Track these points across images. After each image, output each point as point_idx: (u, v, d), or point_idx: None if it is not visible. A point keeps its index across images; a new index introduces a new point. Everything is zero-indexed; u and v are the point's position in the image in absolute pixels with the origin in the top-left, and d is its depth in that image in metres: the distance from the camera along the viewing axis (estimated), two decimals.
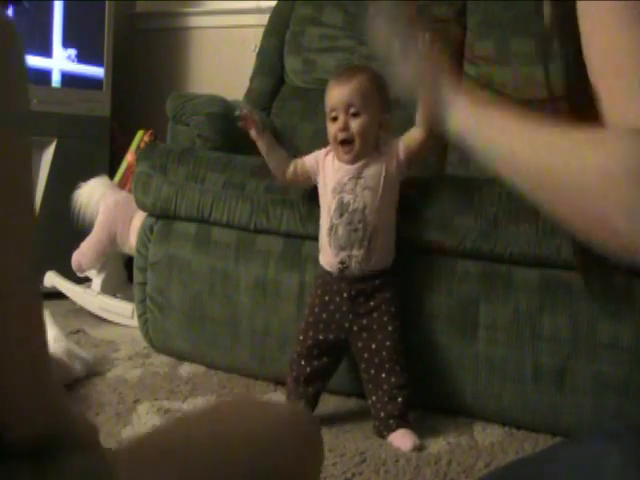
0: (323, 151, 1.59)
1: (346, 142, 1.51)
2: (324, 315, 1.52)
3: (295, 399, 1.50)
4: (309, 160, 1.59)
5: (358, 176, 1.51)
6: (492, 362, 1.53)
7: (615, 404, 1.43)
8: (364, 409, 1.57)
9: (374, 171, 1.52)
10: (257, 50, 2.53)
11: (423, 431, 1.47)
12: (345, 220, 1.50)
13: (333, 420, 1.53)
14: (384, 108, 1.55)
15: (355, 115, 1.50)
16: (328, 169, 1.56)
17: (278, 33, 2.48)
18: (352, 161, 1.53)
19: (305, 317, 1.55)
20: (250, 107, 1.59)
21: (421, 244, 1.58)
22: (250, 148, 1.99)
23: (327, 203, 1.54)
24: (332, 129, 1.53)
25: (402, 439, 1.42)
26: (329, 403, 1.60)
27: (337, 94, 1.52)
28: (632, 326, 1.41)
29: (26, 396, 0.55)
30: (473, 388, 1.56)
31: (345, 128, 1.50)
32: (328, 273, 1.53)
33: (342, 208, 1.50)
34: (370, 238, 1.49)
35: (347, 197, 1.50)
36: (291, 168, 1.59)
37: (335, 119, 1.52)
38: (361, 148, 1.51)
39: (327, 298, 1.52)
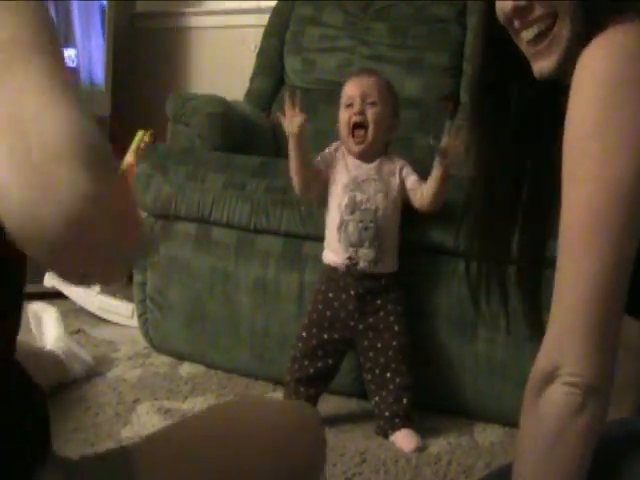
0: (332, 146, 1.60)
1: (359, 127, 1.52)
2: (328, 313, 1.51)
3: (295, 399, 1.50)
4: (322, 159, 1.58)
5: (373, 178, 1.52)
6: (492, 362, 1.53)
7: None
8: (364, 409, 1.57)
9: (388, 174, 1.53)
10: (257, 50, 2.53)
11: (423, 431, 1.47)
12: (357, 217, 1.50)
13: (333, 420, 1.53)
14: (395, 112, 1.59)
15: (371, 104, 1.53)
16: (339, 165, 1.56)
17: (278, 33, 2.48)
18: (363, 154, 1.53)
19: (308, 314, 1.54)
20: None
21: (421, 244, 1.58)
22: (250, 148, 1.99)
23: (337, 199, 1.53)
24: (346, 115, 1.54)
25: (405, 439, 1.42)
26: (330, 403, 1.60)
27: (356, 85, 1.56)
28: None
29: None
30: (473, 388, 1.56)
31: (361, 112, 1.52)
32: (333, 269, 1.52)
33: (354, 205, 1.50)
34: (381, 239, 1.49)
35: (360, 196, 1.51)
36: (312, 173, 1.56)
37: (350, 106, 1.54)
38: (373, 140, 1.53)
39: (332, 295, 1.52)
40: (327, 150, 1.60)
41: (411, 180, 1.54)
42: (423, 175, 1.54)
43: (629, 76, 0.65)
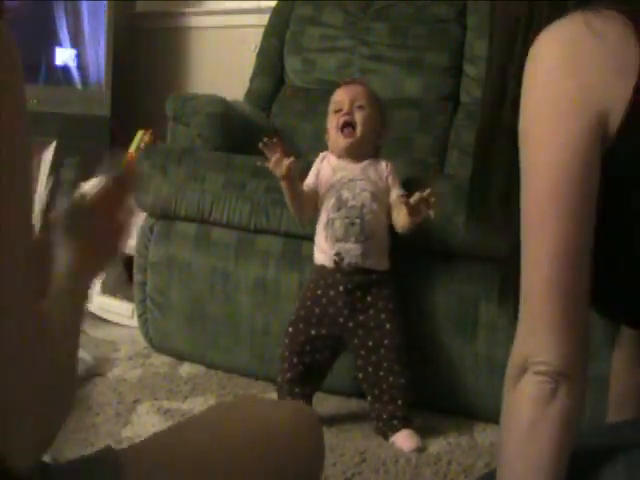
0: (319, 158, 1.62)
1: (347, 125, 1.55)
2: (317, 309, 1.51)
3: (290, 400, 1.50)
4: (310, 179, 1.59)
5: (360, 178, 1.53)
6: (492, 362, 1.53)
7: None
8: (364, 409, 1.57)
9: (374, 176, 1.55)
10: (257, 50, 2.53)
11: (423, 431, 1.46)
12: (343, 214, 1.51)
13: (333, 420, 1.53)
14: (383, 121, 1.63)
15: (359, 108, 1.57)
16: (326, 170, 1.58)
17: (278, 33, 2.48)
18: (351, 151, 1.55)
19: (296, 310, 1.54)
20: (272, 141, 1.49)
21: (421, 244, 1.58)
22: (250, 148, 1.99)
23: (324, 201, 1.55)
24: (334, 119, 1.58)
25: (405, 440, 1.42)
26: (329, 403, 1.60)
27: (344, 92, 1.61)
28: None
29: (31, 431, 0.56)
30: (473, 388, 1.56)
31: (349, 113, 1.56)
32: (323, 267, 1.53)
33: (340, 203, 1.52)
34: (367, 235, 1.50)
35: (346, 194, 1.52)
36: (307, 200, 1.56)
37: (339, 111, 1.58)
38: (361, 137, 1.55)
39: (320, 292, 1.52)
40: (314, 165, 1.60)
41: (394, 194, 1.54)
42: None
43: (567, 59, 0.66)
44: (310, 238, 1.64)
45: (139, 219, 1.98)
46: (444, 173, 2.08)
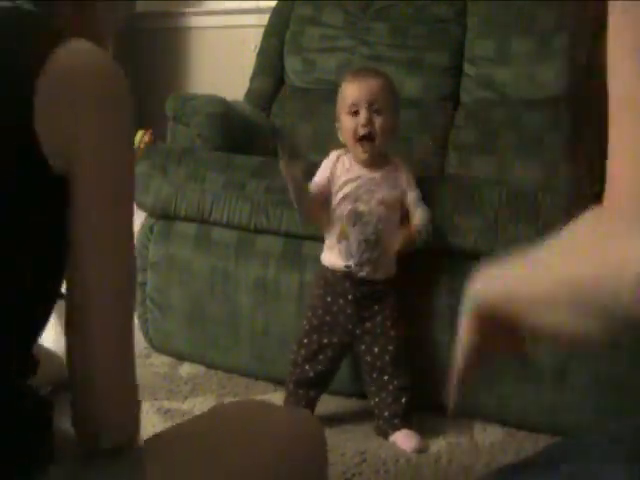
0: (332, 157, 1.55)
1: (367, 138, 1.48)
2: (328, 317, 1.51)
3: (294, 402, 1.50)
4: (321, 179, 1.52)
5: (374, 189, 1.49)
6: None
7: (614, 404, 1.43)
8: (364, 409, 1.57)
9: (391, 184, 1.51)
10: (257, 50, 2.53)
11: (423, 431, 1.47)
12: (357, 230, 1.48)
13: (333, 420, 1.53)
14: (398, 113, 1.55)
15: (377, 112, 1.49)
16: (341, 173, 1.52)
17: (278, 33, 2.48)
18: (369, 163, 1.51)
19: (308, 319, 1.54)
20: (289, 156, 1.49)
21: (421, 244, 1.57)
22: (250, 148, 1.99)
23: (339, 209, 1.50)
24: (351, 124, 1.49)
25: (405, 439, 1.43)
26: (329, 403, 1.60)
27: (360, 88, 1.50)
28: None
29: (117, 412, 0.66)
30: (473, 388, 1.56)
31: (368, 123, 1.47)
32: (331, 272, 1.52)
33: (356, 217, 1.48)
34: (381, 249, 1.48)
35: (362, 207, 1.48)
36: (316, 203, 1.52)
37: (355, 114, 1.49)
38: (379, 149, 1.50)
39: (330, 299, 1.51)
40: (326, 162, 1.55)
41: (410, 197, 1.52)
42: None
43: None
44: (311, 238, 1.64)
45: (139, 219, 1.98)
46: (445, 173, 2.08)
